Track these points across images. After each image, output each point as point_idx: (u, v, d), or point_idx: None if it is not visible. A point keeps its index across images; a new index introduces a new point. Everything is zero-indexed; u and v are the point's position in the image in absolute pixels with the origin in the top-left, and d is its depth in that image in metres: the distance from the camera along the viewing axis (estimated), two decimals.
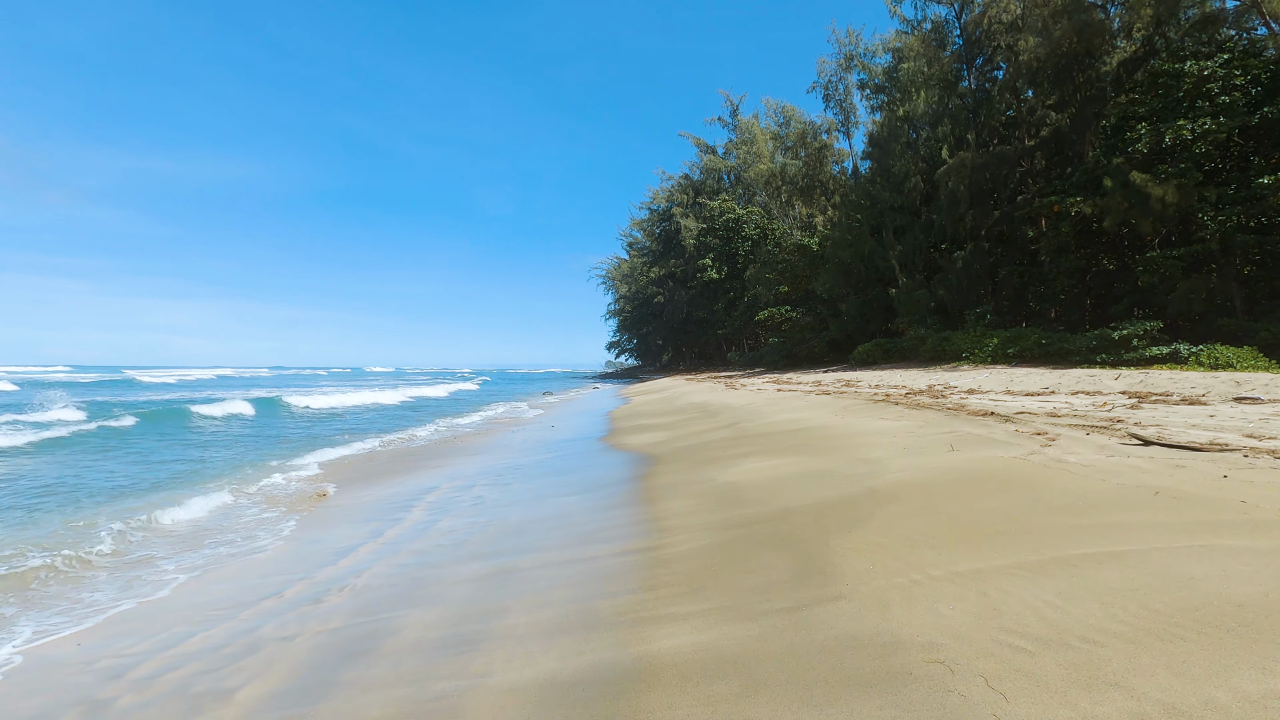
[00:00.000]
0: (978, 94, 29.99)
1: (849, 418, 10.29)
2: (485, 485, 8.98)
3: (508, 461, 11.35)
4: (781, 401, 14.60)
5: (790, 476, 6.17)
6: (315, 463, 12.28)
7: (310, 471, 11.28)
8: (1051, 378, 14.86)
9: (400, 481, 10.09)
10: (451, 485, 9.39)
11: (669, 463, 8.67)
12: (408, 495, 8.87)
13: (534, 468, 10.26)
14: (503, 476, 9.61)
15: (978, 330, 25.82)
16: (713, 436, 10.58)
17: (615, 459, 9.96)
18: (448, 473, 10.70)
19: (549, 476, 9.17)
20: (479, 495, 8.27)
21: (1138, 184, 21.14)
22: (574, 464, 10.22)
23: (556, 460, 10.94)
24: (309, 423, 21.63)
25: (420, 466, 11.58)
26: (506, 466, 10.70)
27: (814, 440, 8.24)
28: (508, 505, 7.31)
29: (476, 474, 10.29)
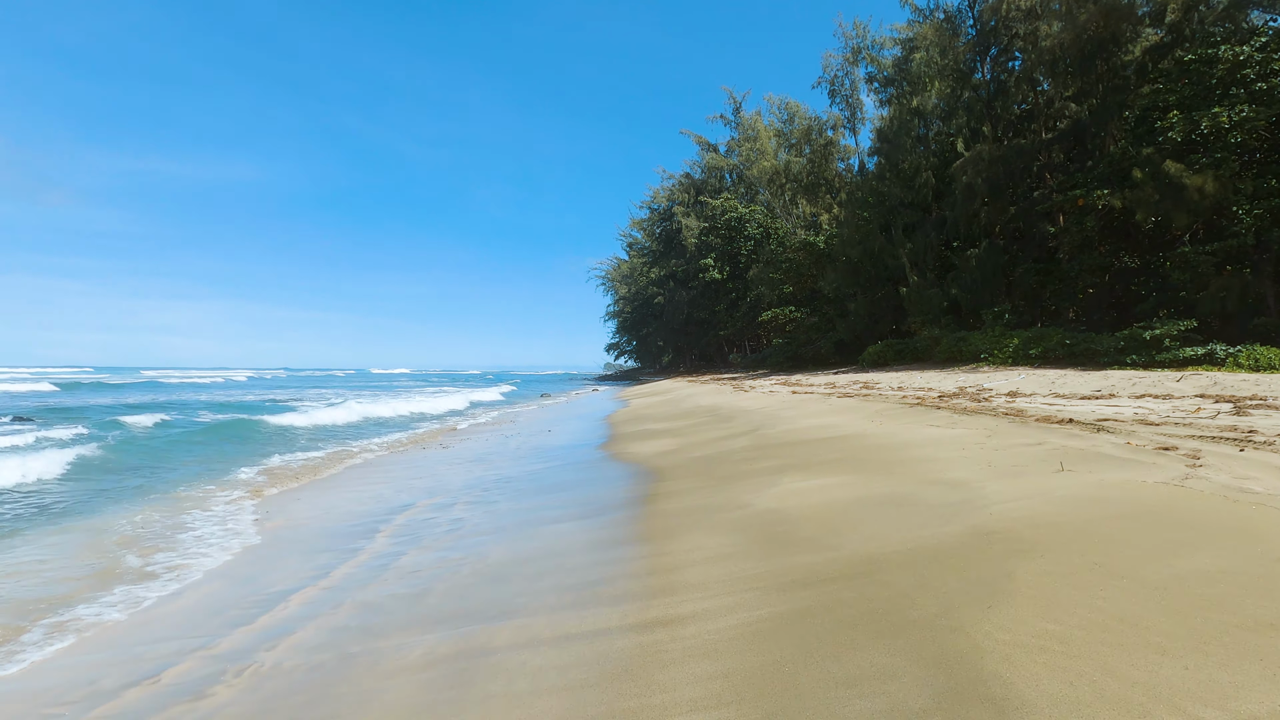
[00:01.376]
0: (993, 85, 28.65)
1: (889, 424, 8.86)
2: (468, 503, 7.53)
3: (498, 472, 9.89)
4: (801, 405, 13.17)
5: (850, 502, 4.73)
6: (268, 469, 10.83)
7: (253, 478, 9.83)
8: (1095, 380, 13.45)
9: (374, 495, 8.63)
10: (430, 502, 7.94)
11: (684, 478, 7.23)
12: (378, 513, 7.43)
13: (526, 481, 8.81)
14: (489, 492, 8.15)
15: (996, 330, 24.43)
16: (731, 446, 9.13)
17: (618, 472, 8.51)
18: (427, 485, 9.25)
19: (541, 494, 7.71)
20: (458, 518, 6.82)
21: (1172, 174, 19.76)
22: (571, 477, 8.77)
23: (551, 472, 9.48)
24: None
25: (392, 478, 10.13)
26: (496, 479, 9.25)
27: (860, 452, 6.81)
28: (490, 534, 5.86)
29: (460, 487, 8.84)
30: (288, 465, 11.54)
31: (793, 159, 42.42)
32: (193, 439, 14.95)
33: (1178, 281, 21.30)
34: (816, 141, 39.89)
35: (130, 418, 18.59)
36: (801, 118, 41.83)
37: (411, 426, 19.30)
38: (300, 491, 9.10)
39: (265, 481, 9.83)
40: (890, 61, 33.00)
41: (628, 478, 7.93)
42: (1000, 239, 28.78)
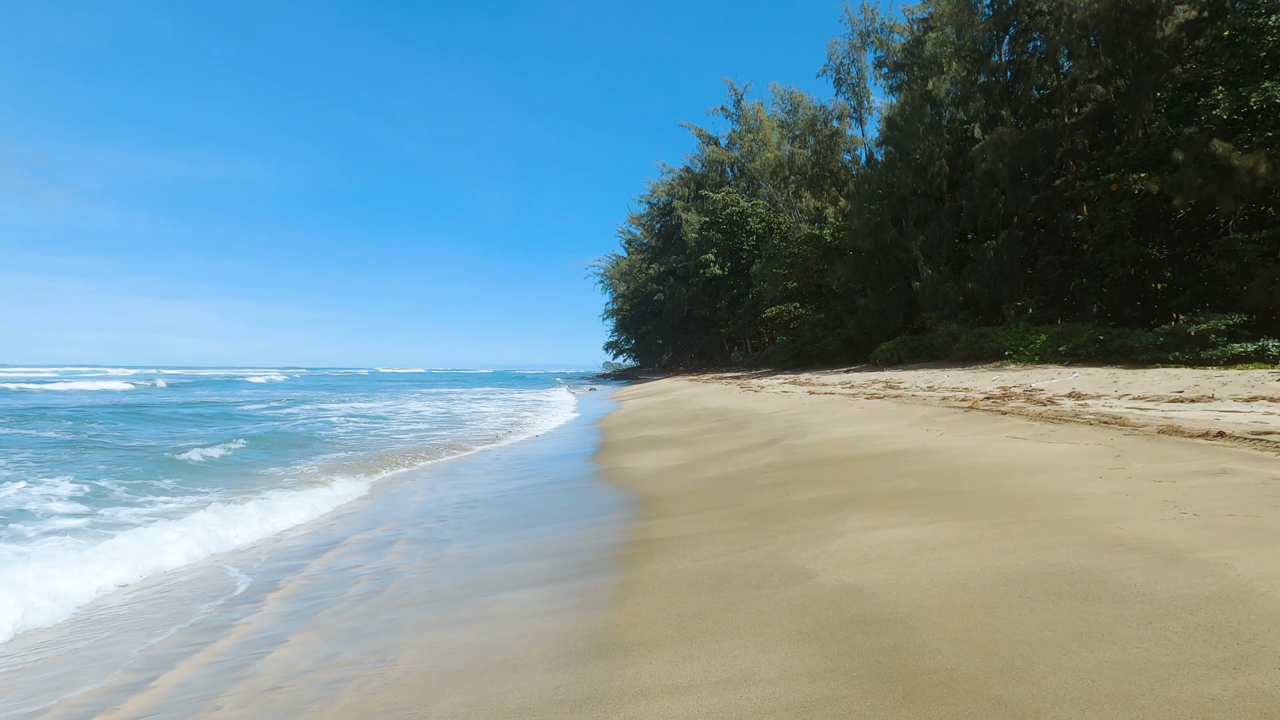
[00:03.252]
0: (1012, 67, 26.75)
1: (953, 435, 6.93)
2: (408, 544, 5.57)
3: (462, 492, 7.94)
4: (825, 408, 11.23)
5: (989, 581, 2.79)
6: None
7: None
8: (1160, 379, 11.51)
9: (311, 523, 6.68)
10: (363, 538, 5.99)
11: (698, 513, 5.27)
12: (297, 551, 5.50)
13: (492, 507, 6.85)
14: (443, 525, 6.20)
15: (1020, 326, 22.51)
16: (753, 462, 7.19)
17: (610, 500, 6.55)
18: (373, 511, 7.30)
19: (507, 530, 5.74)
20: (386, 569, 4.87)
21: (1219, 154, 17.84)
22: (548, 504, 6.81)
23: (525, 495, 7.51)
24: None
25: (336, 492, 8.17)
26: (458, 501, 7.30)
27: (943, 478, 4.87)
28: (418, 607, 3.91)
29: (412, 514, 6.90)
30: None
31: (796, 150, 40.50)
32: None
33: (1222, 272, 19.39)
34: (821, 132, 37.93)
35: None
36: (806, 108, 39.89)
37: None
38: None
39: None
40: (900, 46, 31.07)
41: (621, 508, 5.96)
42: (1019, 230, 26.86)
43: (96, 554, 5.27)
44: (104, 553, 5.31)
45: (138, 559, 5.24)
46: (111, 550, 5.36)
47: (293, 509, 7.18)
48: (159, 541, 5.65)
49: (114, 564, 5.07)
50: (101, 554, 5.27)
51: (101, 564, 5.04)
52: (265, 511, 6.94)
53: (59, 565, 4.97)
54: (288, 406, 25.50)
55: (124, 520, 6.62)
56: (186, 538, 5.79)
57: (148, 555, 5.35)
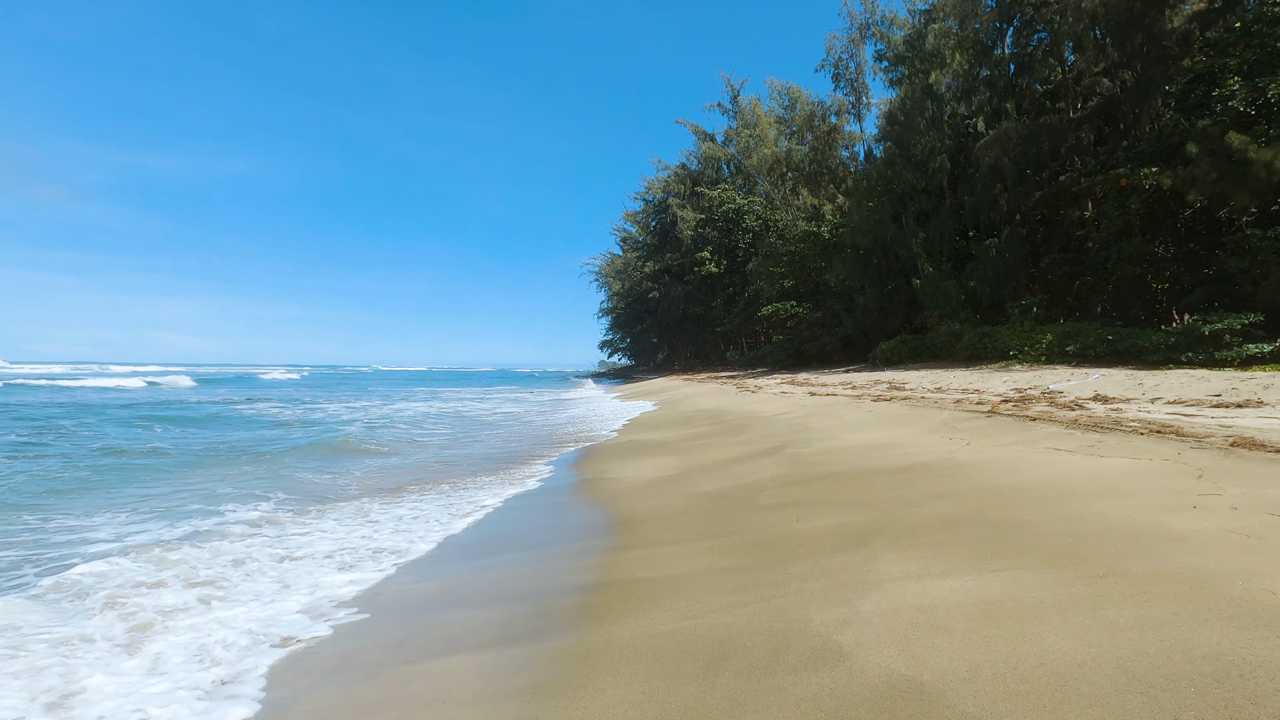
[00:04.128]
0: (1016, 61, 25.93)
1: (982, 445, 6.03)
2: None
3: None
4: (829, 411, 10.32)
5: (1142, 690, 1.89)
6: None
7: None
8: (1190, 381, 10.65)
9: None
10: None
11: (689, 542, 4.33)
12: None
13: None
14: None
15: (1026, 325, 21.66)
16: (755, 474, 6.27)
17: (587, 519, 5.61)
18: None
19: (463, 560, 4.81)
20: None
21: (1236, 148, 17.01)
22: (515, 523, 5.88)
23: (491, 511, 6.58)
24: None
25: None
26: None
27: (989, 503, 3.96)
28: (321, 677, 3.01)
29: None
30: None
31: (794, 147, 39.62)
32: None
33: (1235, 270, 18.58)
34: (819, 128, 37.04)
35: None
36: (804, 103, 38.98)
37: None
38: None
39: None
40: (901, 39, 30.22)
41: (599, 532, 5.03)
42: (1022, 227, 26.03)
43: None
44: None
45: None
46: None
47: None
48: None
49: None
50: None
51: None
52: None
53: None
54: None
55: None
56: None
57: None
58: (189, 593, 4.04)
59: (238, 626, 3.52)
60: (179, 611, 3.73)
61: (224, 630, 3.46)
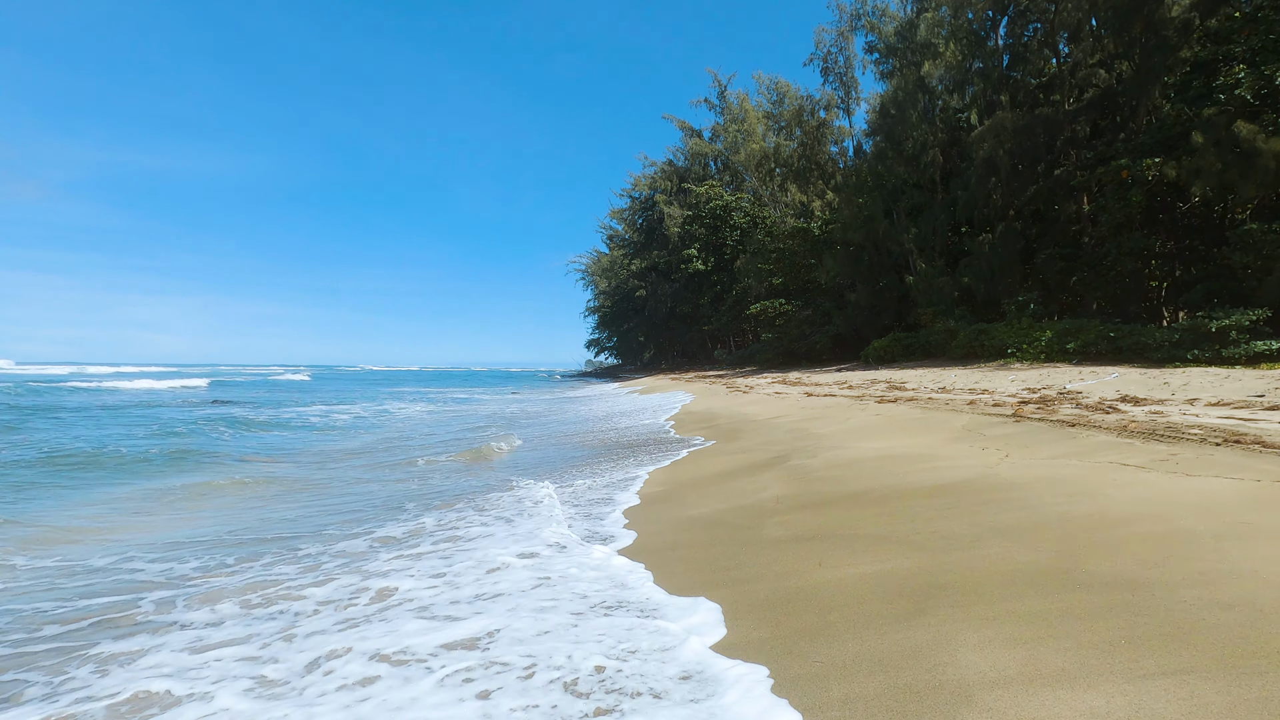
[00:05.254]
0: (1011, 51, 25.21)
1: (1028, 458, 5.04)
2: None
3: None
4: (831, 415, 9.33)
5: None
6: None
7: None
8: (1215, 381, 9.80)
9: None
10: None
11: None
12: None
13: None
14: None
15: (1023, 322, 20.90)
16: (754, 492, 5.24)
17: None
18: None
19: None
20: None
21: (1244, 137, 16.29)
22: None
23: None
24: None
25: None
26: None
27: (1093, 552, 2.95)
28: None
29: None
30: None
31: (782, 142, 38.74)
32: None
33: (1239, 265, 17.89)
34: (808, 123, 36.19)
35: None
36: (792, 98, 38.15)
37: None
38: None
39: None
40: (892, 31, 29.40)
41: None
42: (1017, 222, 25.29)
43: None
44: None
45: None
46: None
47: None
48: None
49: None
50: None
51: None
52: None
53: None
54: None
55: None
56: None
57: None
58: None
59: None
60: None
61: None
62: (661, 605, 3.09)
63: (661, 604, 3.12)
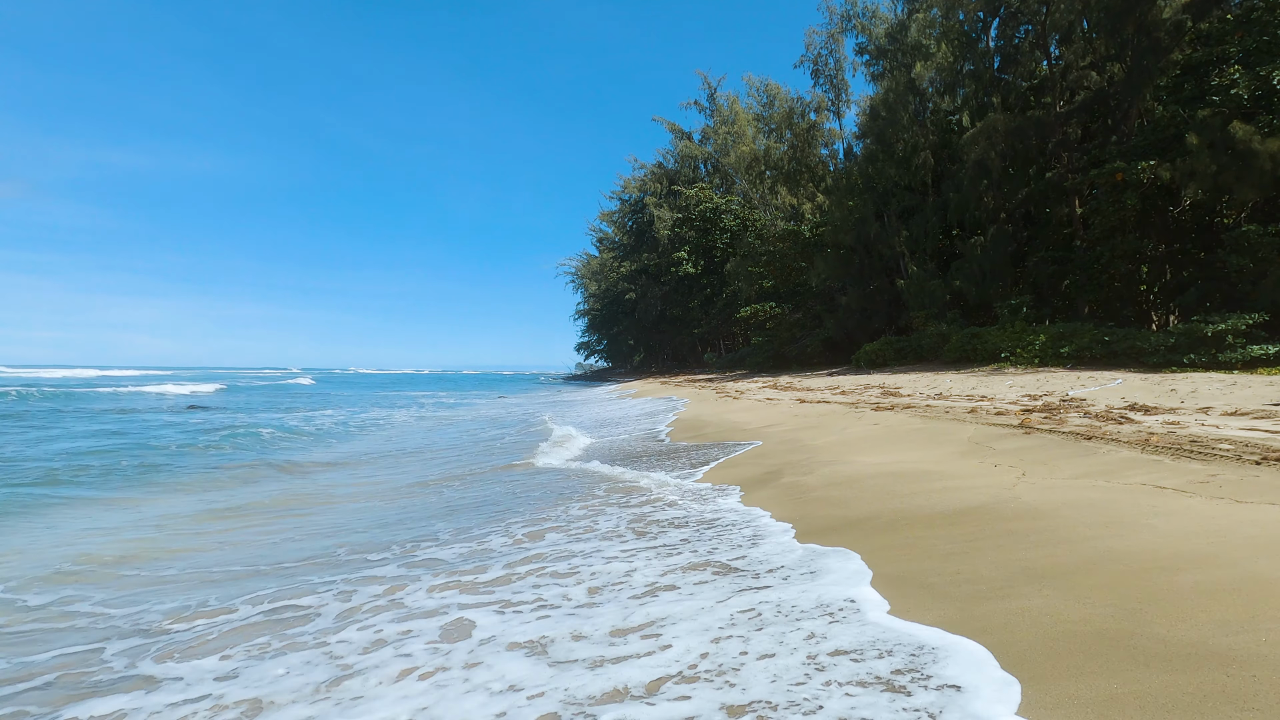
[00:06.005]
0: (1002, 53, 24.96)
1: (1048, 478, 4.53)
2: None
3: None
4: (826, 424, 8.81)
5: None
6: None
7: None
8: (1226, 388, 9.39)
9: None
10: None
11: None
12: None
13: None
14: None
15: (1016, 326, 20.55)
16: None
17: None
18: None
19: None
20: None
21: (1239, 138, 16.01)
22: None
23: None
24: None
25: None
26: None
27: (1155, 606, 2.38)
28: None
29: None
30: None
31: (772, 144, 38.40)
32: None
33: (1235, 268, 17.61)
34: (798, 125, 35.85)
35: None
36: (783, 100, 37.80)
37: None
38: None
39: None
40: (883, 32, 29.10)
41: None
42: (1008, 225, 25.02)
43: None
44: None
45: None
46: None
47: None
48: None
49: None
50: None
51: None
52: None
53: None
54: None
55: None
56: None
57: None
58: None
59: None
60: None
61: None
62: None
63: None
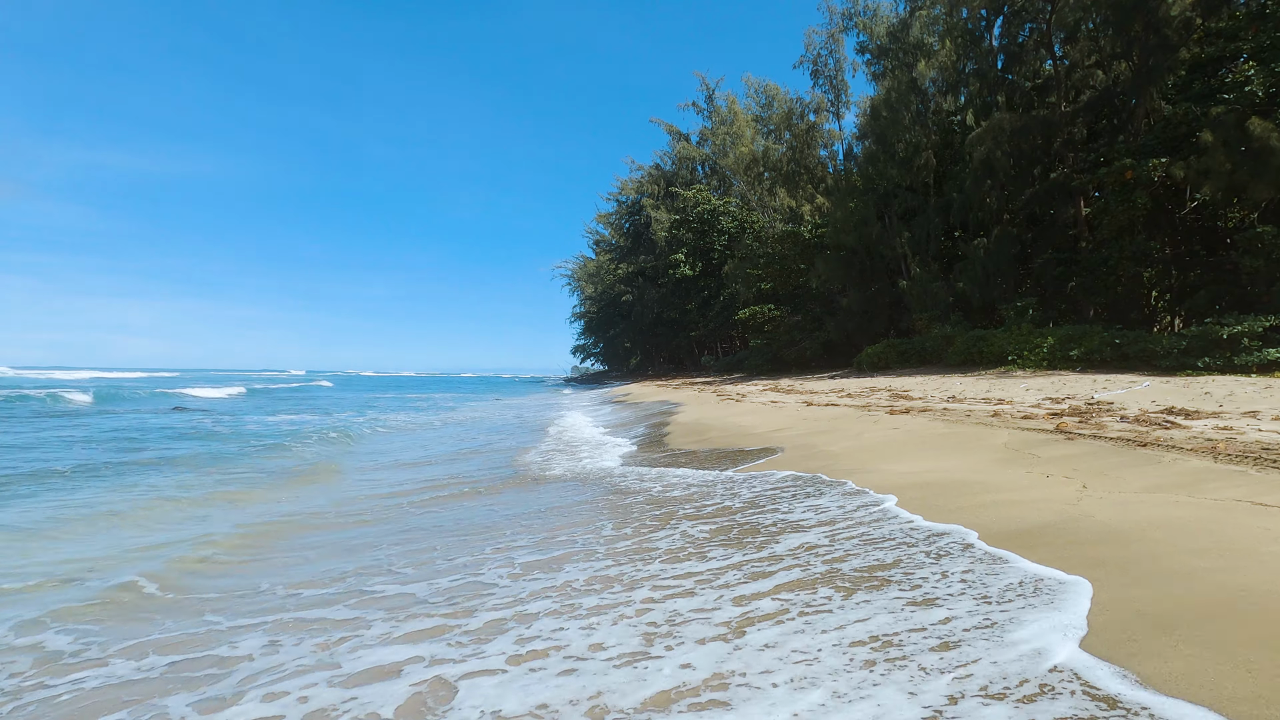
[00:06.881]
0: (1005, 52, 24.50)
1: (1118, 492, 3.90)
2: None
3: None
4: (839, 428, 8.18)
5: None
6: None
7: None
8: (1257, 392, 8.81)
9: None
10: None
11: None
12: None
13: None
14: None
15: (1023, 329, 19.99)
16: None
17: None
18: None
19: None
20: None
21: (1256, 135, 15.50)
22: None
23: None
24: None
25: None
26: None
27: None
28: None
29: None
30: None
31: (771, 146, 37.88)
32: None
33: (1248, 269, 17.09)
34: (798, 126, 35.35)
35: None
36: (781, 101, 37.29)
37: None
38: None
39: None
40: (885, 30, 28.63)
41: None
42: (1012, 226, 24.50)
43: None
44: None
45: None
46: None
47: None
48: None
49: None
50: None
51: None
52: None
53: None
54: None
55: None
56: None
57: None
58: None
59: None
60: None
61: None
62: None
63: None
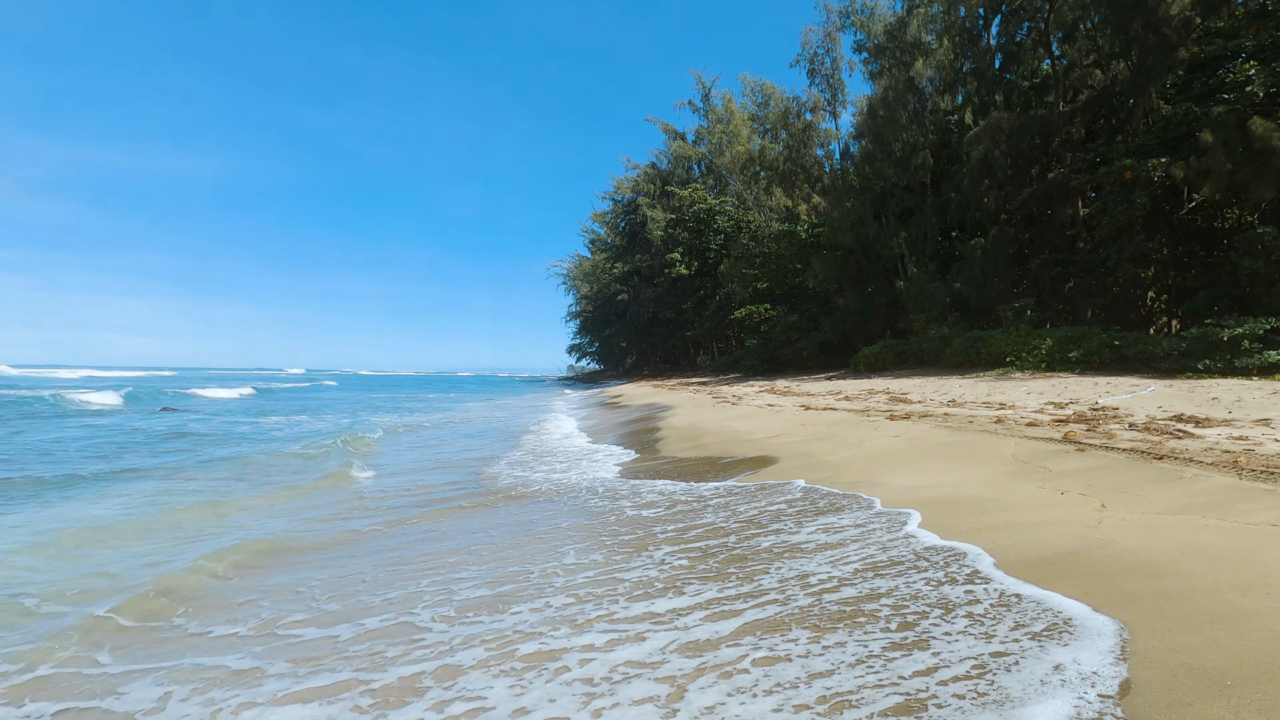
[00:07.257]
0: (1003, 51, 24.29)
1: (1139, 512, 3.62)
2: None
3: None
4: (838, 434, 7.91)
5: None
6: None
7: None
8: (1267, 397, 8.58)
9: None
10: None
11: None
12: None
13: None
14: None
15: (1022, 330, 19.79)
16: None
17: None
18: None
19: None
20: None
21: (1258, 134, 15.30)
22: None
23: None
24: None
25: None
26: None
27: None
28: None
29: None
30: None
31: (768, 145, 37.63)
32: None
33: (1248, 270, 16.91)
34: (794, 126, 35.10)
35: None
36: (778, 100, 37.03)
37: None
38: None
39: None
40: (882, 29, 28.40)
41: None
42: (1010, 226, 24.30)
43: None
44: None
45: None
46: None
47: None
48: None
49: None
50: None
51: None
52: None
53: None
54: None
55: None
56: None
57: None
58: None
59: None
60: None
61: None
62: None
63: None
